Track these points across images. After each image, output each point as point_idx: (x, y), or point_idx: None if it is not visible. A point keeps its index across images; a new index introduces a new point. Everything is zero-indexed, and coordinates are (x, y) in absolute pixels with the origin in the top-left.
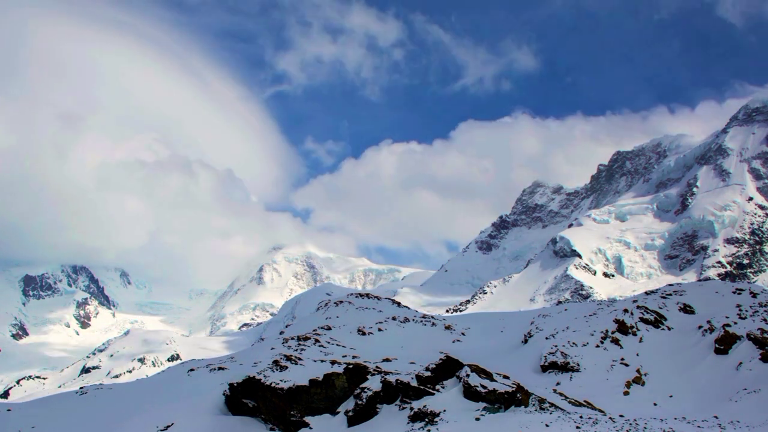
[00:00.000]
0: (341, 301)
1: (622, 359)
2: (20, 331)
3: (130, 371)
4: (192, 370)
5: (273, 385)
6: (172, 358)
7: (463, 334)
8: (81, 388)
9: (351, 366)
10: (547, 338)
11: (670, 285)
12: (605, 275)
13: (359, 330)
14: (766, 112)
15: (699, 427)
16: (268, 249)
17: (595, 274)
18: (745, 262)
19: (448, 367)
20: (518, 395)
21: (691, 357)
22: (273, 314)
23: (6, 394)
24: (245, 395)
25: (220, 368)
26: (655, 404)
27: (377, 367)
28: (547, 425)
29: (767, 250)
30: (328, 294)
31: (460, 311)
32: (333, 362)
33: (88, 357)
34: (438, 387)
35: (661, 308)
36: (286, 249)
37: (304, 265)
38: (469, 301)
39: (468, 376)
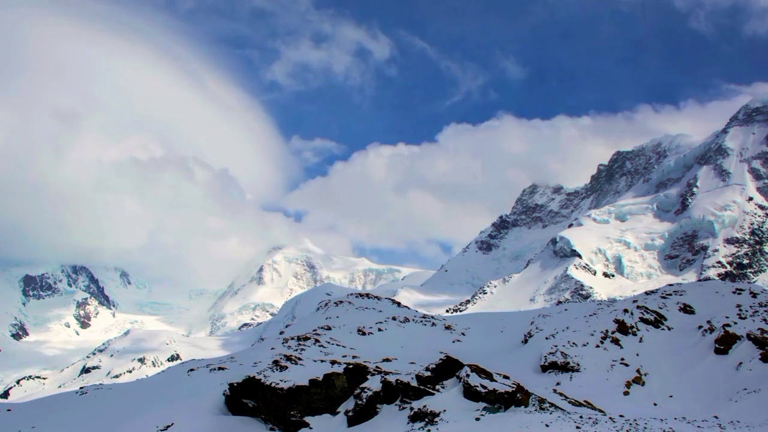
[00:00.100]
0: (341, 301)
1: (622, 359)
2: (20, 331)
3: (130, 371)
4: (192, 370)
5: (273, 385)
6: (172, 358)
7: (463, 334)
8: (81, 388)
9: (351, 366)
10: (547, 338)
11: (670, 285)
12: (605, 275)
13: (359, 330)
14: (766, 112)
15: (699, 427)
16: (268, 249)
17: (595, 274)
18: (745, 262)
19: (448, 367)
20: (518, 395)
21: (691, 357)
22: (273, 314)
23: (6, 394)
24: (245, 395)
25: (220, 368)
26: (655, 404)
27: (377, 367)
28: (547, 425)
29: (767, 250)
30: (328, 294)
31: (460, 311)
32: (333, 362)
33: (88, 357)
34: (438, 387)
35: (661, 308)
36: (286, 249)
37: (304, 265)
38: (469, 301)
39: (468, 376)
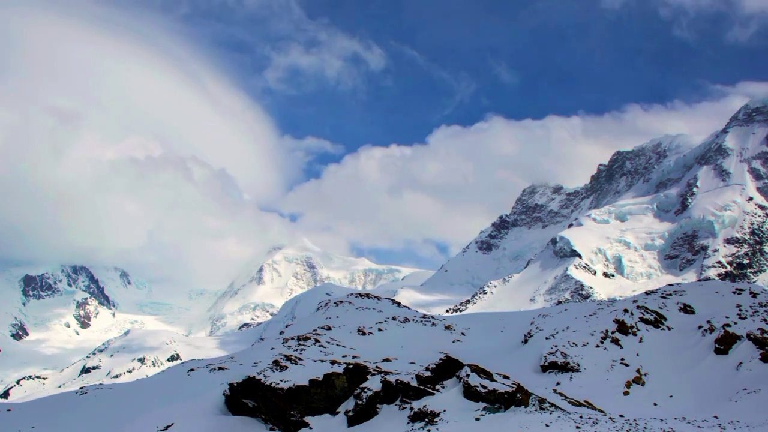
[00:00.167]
0: (341, 301)
1: (622, 359)
2: (20, 331)
3: (130, 371)
4: (192, 370)
5: (273, 385)
6: (172, 358)
7: (463, 334)
8: (81, 388)
9: (351, 366)
10: (547, 338)
11: (670, 285)
12: (605, 275)
13: (359, 330)
14: (766, 112)
15: (699, 427)
16: (268, 249)
17: (595, 274)
18: (745, 262)
19: (448, 367)
20: (518, 395)
21: (691, 357)
22: (273, 314)
23: (6, 394)
24: (245, 395)
25: (220, 368)
26: (655, 404)
27: (377, 367)
28: (547, 425)
29: (767, 250)
30: (328, 294)
31: (460, 311)
32: (333, 362)
33: (88, 357)
34: (438, 387)
35: (661, 308)
36: (286, 249)
37: (304, 265)
38: (469, 301)
39: (468, 376)
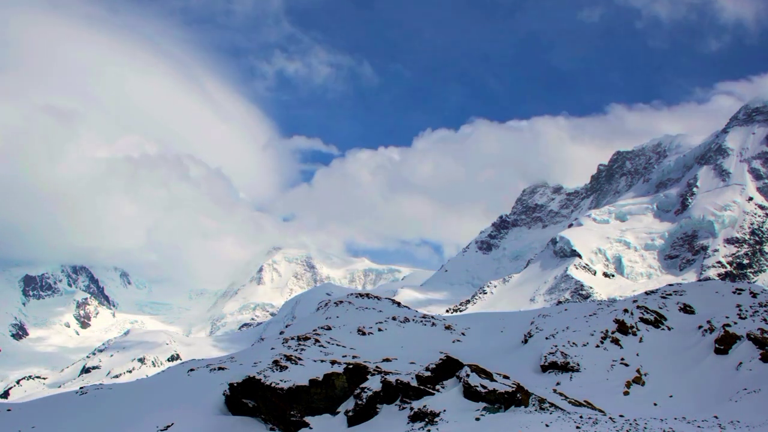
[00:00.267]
0: (341, 301)
1: (622, 359)
2: (20, 331)
3: (130, 371)
4: (192, 370)
5: (273, 385)
6: (172, 358)
7: (463, 334)
8: (81, 388)
9: (351, 366)
10: (547, 338)
11: (670, 285)
12: (605, 275)
13: (359, 330)
14: (766, 112)
15: (699, 427)
16: (268, 249)
17: (595, 274)
18: (745, 262)
19: (448, 367)
20: (518, 395)
21: (691, 357)
22: (273, 314)
23: (6, 394)
24: (245, 395)
25: (220, 368)
26: (655, 404)
27: (377, 367)
28: (547, 425)
29: (767, 250)
30: (328, 294)
31: (460, 311)
32: (333, 362)
33: (88, 357)
34: (438, 387)
35: (661, 308)
36: (286, 249)
37: (304, 265)
38: (469, 301)
39: (468, 376)
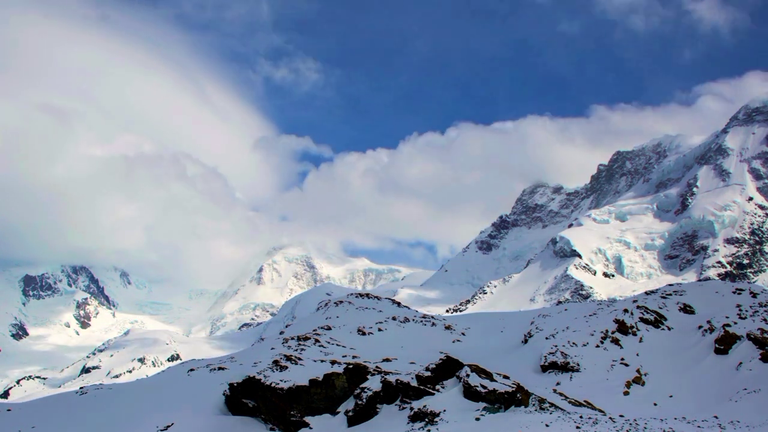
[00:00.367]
0: (341, 301)
1: (622, 359)
2: (20, 331)
3: (130, 371)
4: (192, 370)
5: (273, 385)
6: (172, 358)
7: (463, 334)
8: (81, 388)
9: (351, 366)
10: (547, 338)
11: (670, 285)
12: (605, 275)
13: (359, 330)
14: (766, 112)
15: (699, 427)
16: (268, 249)
17: (595, 274)
18: (745, 262)
19: (448, 367)
20: (518, 395)
21: (691, 357)
22: (273, 314)
23: (6, 394)
24: (245, 395)
25: (220, 368)
26: (655, 404)
27: (377, 367)
28: (547, 425)
29: (767, 250)
30: (328, 294)
31: (460, 311)
32: (333, 362)
33: (88, 357)
34: (438, 387)
35: (661, 308)
36: (286, 249)
37: (304, 265)
38: (469, 301)
39: (468, 376)
